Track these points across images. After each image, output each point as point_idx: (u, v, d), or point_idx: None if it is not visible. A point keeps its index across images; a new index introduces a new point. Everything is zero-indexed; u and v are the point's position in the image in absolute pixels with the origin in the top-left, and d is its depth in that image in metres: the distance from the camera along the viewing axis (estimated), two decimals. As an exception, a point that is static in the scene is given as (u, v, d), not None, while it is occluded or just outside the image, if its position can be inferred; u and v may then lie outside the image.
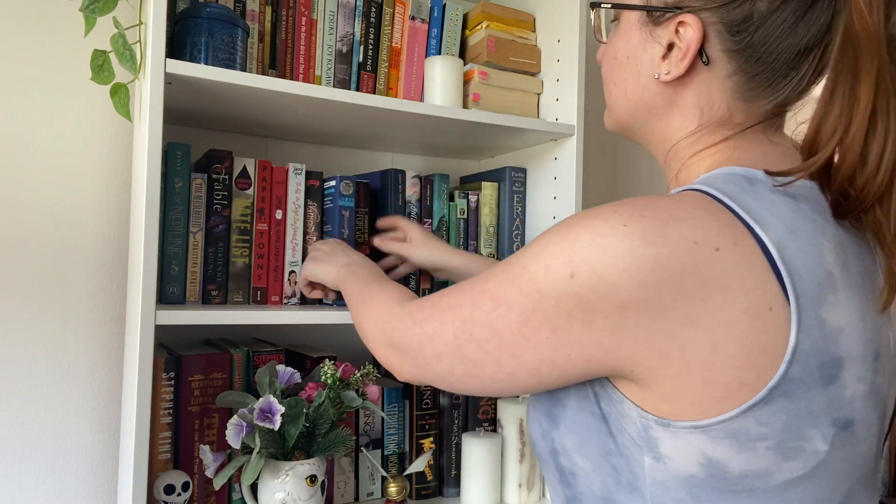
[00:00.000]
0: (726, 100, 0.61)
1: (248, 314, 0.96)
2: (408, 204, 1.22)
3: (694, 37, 0.59)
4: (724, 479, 0.52)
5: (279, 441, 0.97)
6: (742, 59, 0.59)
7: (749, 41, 0.58)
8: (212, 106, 1.07)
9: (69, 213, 1.17)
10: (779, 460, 0.51)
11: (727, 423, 0.50)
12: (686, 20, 0.59)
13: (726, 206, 0.52)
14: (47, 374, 1.15)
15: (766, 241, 0.51)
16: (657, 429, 0.53)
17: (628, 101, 0.67)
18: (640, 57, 0.64)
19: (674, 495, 0.54)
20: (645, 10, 0.62)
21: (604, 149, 1.74)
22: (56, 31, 1.16)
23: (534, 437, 0.66)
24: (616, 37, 0.67)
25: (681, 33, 0.60)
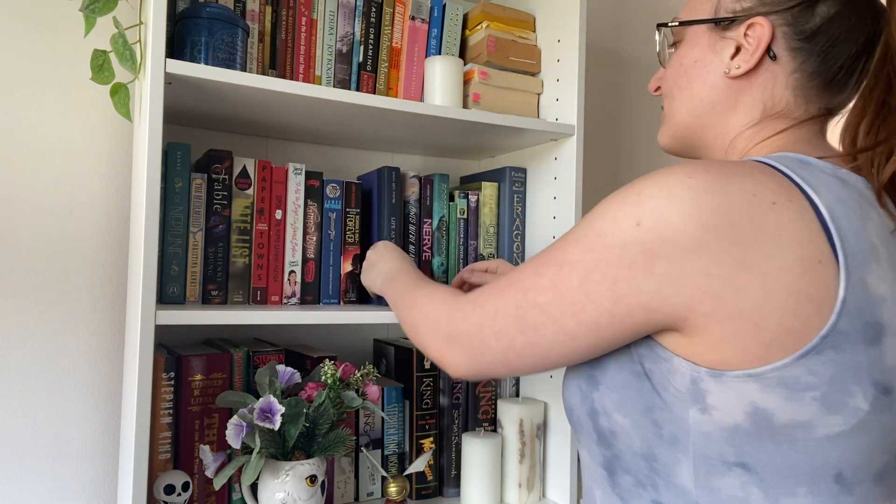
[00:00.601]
0: (787, 96, 0.68)
1: (248, 314, 0.96)
2: (406, 204, 1.22)
3: (764, 34, 0.66)
4: (769, 428, 0.55)
5: (279, 441, 0.97)
6: (803, 58, 0.67)
7: (810, 41, 0.66)
8: (212, 106, 1.07)
9: (69, 213, 1.17)
10: (822, 413, 0.54)
11: (781, 370, 0.53)
12: (756, 21, 0.67)
13: (782, 173, 0.58)
14: (47, 374, 1.15)
15: (818, 202, 0.56)
16: (708, 380, 0.56)
17: (694, 100, 0.73)
18: (708, 59, 0.71)
19: (717, 447, 0.57)
20: (714, 22, 0.71)
21: (604, 149, 1.73)
22: (56, 31, 1.16)
23: (571, 402, 0.69)
24: (680, 50, 0.75)
25: (749, 34, 0.68)
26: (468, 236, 1.29)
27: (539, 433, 1.26)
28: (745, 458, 0.56)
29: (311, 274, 1.14)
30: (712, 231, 0.54)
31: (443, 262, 1.25)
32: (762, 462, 0.56)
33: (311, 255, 1.14)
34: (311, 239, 1.14)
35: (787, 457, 0.55)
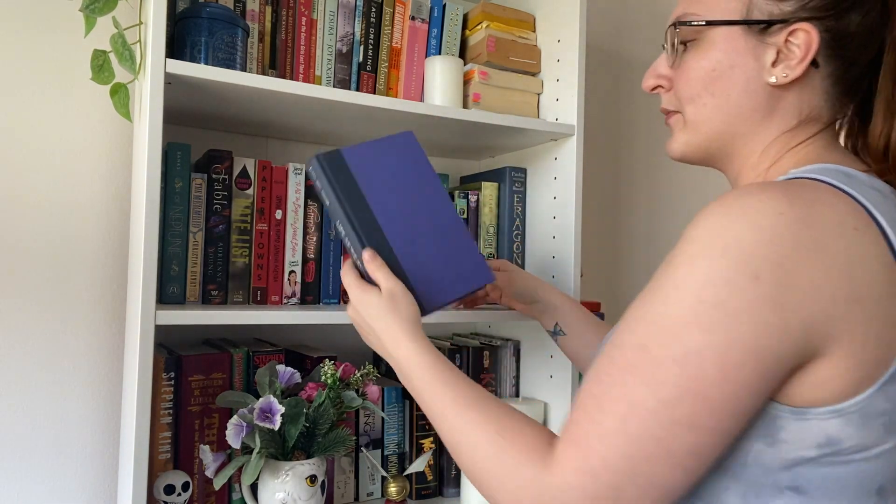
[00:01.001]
0: (819, 101, 0.67)
1: (248, 314, 0.96)
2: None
3: (812, 42, 0.64)
4: (833, 454, 0.54)
5: (279, 441, 0.97)
6: (836, 64, 0.66)
7: (843, 48, 0.65)
8: (212, 106, 1.07)
9: (69, 213, 1.17)
10: (884, 434, 0.54)
11: (864, 402, 0.53)
12: (801, 28, 0.64)
13: (845, 193, 0.56)
14: (47, 374, 1.15)
15: (882, 223, 0.55)
16: (787, 418, 0.54)
17: (732, 108, 0.68)
18: (748, 64, 0.66)
19: (773, 475, 0.55)
20: (749, 24, 0.66)
21: (604, 149, 1.73)
22: (56, 31, 1.16)
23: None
24: (703, 52, 0.68)
25: (793, 41, 0.65)
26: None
27: (539, 433, 1.26)
28: (799, 482, 0.55)
29: (311, 274, 1.14)
30: (821, 268, 0.51)
31: (443, 262, 1.25)
32: (815, 484, 0.55)
33: (312, 255, 1.14)
34: (312, 239, 1.14)
35: (839, 476, 0.54)
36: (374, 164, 0.81)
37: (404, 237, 0.80)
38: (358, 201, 0.78)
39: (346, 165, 0.79)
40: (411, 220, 0.81)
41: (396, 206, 0.81)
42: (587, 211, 1.69)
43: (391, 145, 0.83)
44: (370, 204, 0.79)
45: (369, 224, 0.78)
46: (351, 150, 0.80)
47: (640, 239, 1.80)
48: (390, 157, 0.82)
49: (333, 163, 0.78)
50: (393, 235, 0.79)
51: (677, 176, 1.86)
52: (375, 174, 0.80)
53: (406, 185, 0.82)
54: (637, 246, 1.79)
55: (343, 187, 0.78)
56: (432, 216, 0.83)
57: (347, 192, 0.78)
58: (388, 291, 0.75)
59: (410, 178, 0.83)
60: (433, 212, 0.84)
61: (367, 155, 0.81)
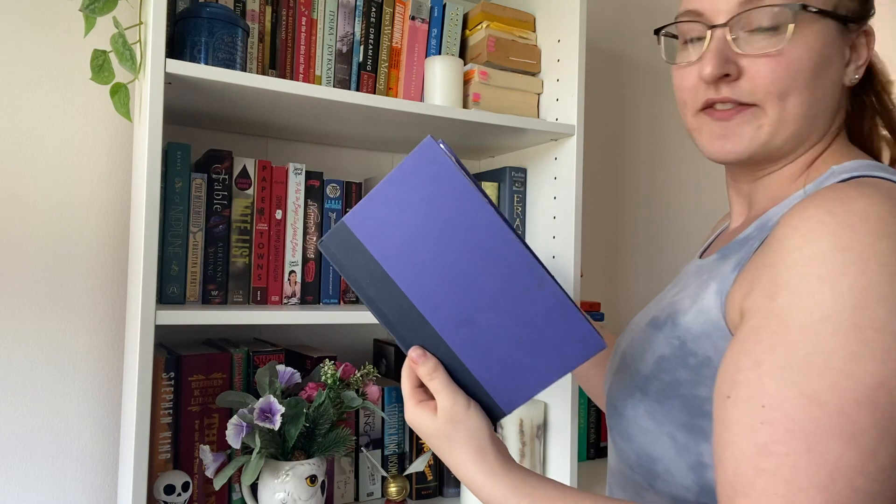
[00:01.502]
0: (848, 97, 0.66)
1: (248, 314, 0.96)
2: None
3: (873, 42, 0.63)
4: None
5: (279, 441, 0.97)
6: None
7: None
8: (212, 106, 1.07)
9: (69, 212, 1.17)
10: None
11: None
12: (870, 29, 0.63)
13: None
14: (47, 373, 1.15)
15: None
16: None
17: (819, 107, 0.62)
18: (838, 63, 0.62)
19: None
20: (840, 19, 0.61)
21: (604, 149, 1.73)
22: (56, 31, 1.16)
23: (655, 451, 0.59)
24: (804, 40, 0.60)
25: (862, 42, 0.63)
26: (468, 236, 1.29)
27: (539, 433, 1.26)
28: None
29: (311, 274, 1.14)
30: None
31: (443, 262, 1.25)
32: None
33: (312, 255, 1.14)
34: (312, 239, 1.14)
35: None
36: (392, 223, 0.57)
37: (457, 318, 0.58)
38: (384, 285, 0.58)
39: (356, 239, 0.58)
40: (463, 288, 0.57)
41: (438, 276, 0.57)
42: (587, 211, 1.69)
43: (409, 176, 0.56)
44: (400, 286, 0.58)
45: (406, 313, 0.59)
46: (356, 214, 0.58)
47: (640, 239, 1.80)
48: (412, 199, 0.56)
49: (340, 242, 0.59)
50: (441, 322, 0.58)
51: (677, 176, 1.86)
52: (396, 238, 0.57)
53: (446, 235, 0.56)
54: (637, 246, 1.79)
55: (361, 272, 0.59)
56: (492, 268, 0.56)
57: (368, 277, 0.59)
58: (444, 412, 0.59)
59: (449, 221, 0.55)
60: (493, 261, 0.56)
61: (379, 212, 0.57)
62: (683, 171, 1.87)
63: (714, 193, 1.90)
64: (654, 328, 0.67)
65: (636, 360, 0.67)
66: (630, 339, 0.72)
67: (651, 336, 0.67)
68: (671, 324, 0.64)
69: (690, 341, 0.61)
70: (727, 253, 0.65)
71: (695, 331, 0.61)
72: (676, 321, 0.64)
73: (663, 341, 0.64)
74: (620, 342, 0.77)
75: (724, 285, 0.59)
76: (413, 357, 0.60)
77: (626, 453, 0.65)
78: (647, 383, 0.64)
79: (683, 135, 1.86)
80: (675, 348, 0.62)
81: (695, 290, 0.64)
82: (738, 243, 0.64)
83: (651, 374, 0.64)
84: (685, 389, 0.60)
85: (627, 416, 0.64)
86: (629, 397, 0.65)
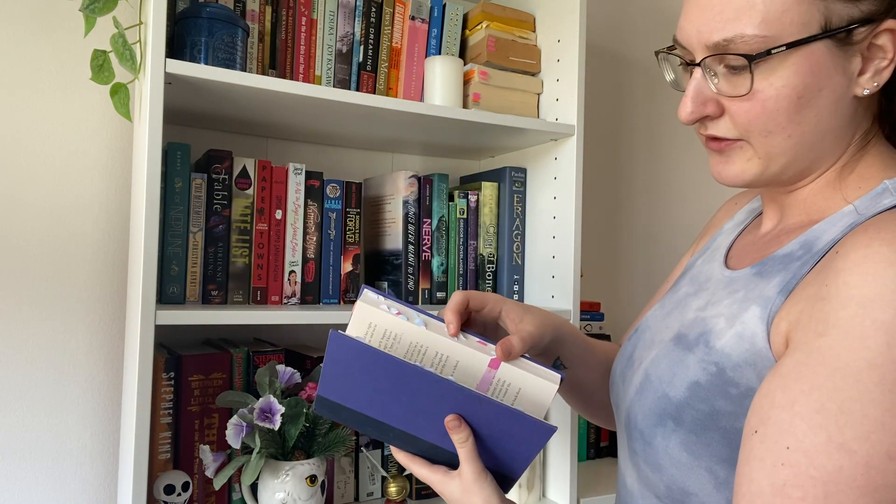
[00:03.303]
0: (875, 100, 0.60)
1: (248, 314, 0.96)
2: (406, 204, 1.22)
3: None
4: None
5: (279, 441, 0.97)
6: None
7: None
8: (212, 106, 1.07)
9: (69, 212, 1.17)
10: None
11: None
12: (888, 26, 0.55)
13: None
14: (47, 374, 1.15)
15: None
16: None
17: (818, 135, 0.58)
18: (837, 82, 0.57)
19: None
20: (832, 36, 0.55)
21: (604, 149, 1.73)
22: (56, 31, 1.16)
23: (691, 486, 0.58)
24: (783, 76, 0.56)
25: (879, 43, 0.56)
26: (468, 236, 1.29)
27: (539, 433, 1.26)
28: None
29: (311, 274, 1.14)
30: None
31: (442, 262, 1.25)
32: None
33: (312, 255, 1.14)
34: (312, 239, 1.14)
35: None
36: (351, 385, 0.66)
37: (441, 432, 0.67)
38: (373, 423, 0.68)
39: (333, 402, 0.67)
40: (430, 415, 0.66)
41: (408, 409, 0.66)
42: (587, 211, 1.69)
43: (338, 359, 0.65)
44: (386, 421, 0.67)
45: (402, 436, 0.68)
46: (323, 385, 0.67)
47: (640, 239, 1.80)
48: (354, 370, 0.65)
49: (325, 408, 0.68)
50: (431, 436, 0.67)
51: (677, 176, 1.86)
52: (361, 393, 0.66)
53: (395, 383, 0.65)
54: (637, 246, 1.79)
55: (352, 420, 0.68)
56: (439, 399, 0.65)
57: (359, 422, 0.68)
58: (468, 476, 0.66)
59: (389, 376, 0.64)
60: (437, 394, 0.65)
61: (336, 382, 0.66)
62: (683, 171, 1.87)
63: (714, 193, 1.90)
64: (683, 348, 0.62)
65: (664, 383, 0.62)
66: (653, 354, 0.66)
67: (680, 357, 0.62)
68: (704, 346, 0.60)
69: (730, 369, 0.57)
70: (767, 269, 0.60)
71: (735, 358, 0.57)
72: (711, 344, 0.59)
73: (696, 366, 0.60)
74: (635, 351, 0.71)
75: (769, 310, 0.55)
76: (450, 423, 0.65)
77: (654, 483, 0.62)
78: (680, 412, 0.60)
79: (683, 135, 1.86)
80: (712, 375, 0.58)
81: (730, 309, 0.60)
82: (779, 260, 0.60)
83: (685, 402, 0.60)
84: (725, 422, 0.57)
85: (657, 446, 0.61)
86: (659, 425, 0.61)
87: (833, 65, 0.56)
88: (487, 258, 1.31)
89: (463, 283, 1.28)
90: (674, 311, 0.70)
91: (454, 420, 0.65)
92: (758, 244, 0.67)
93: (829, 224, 0.58)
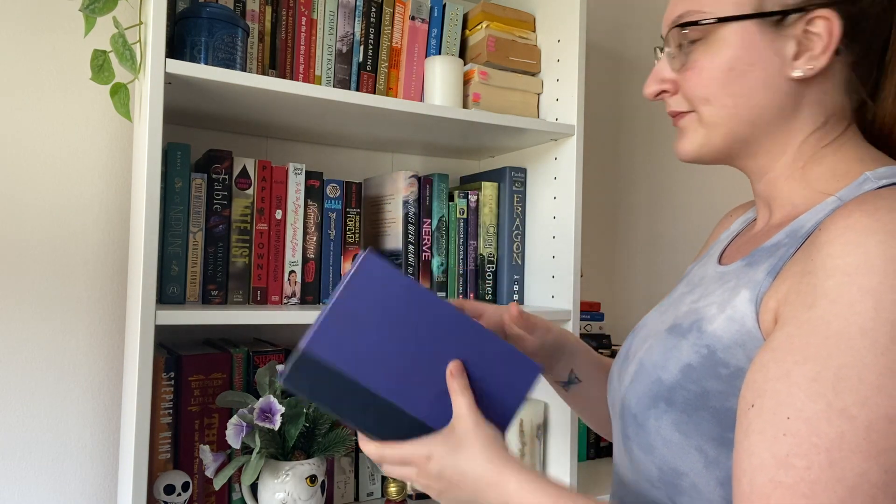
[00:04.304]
0: (841, 91, 0.63)
1: (248, 314, 0.96)
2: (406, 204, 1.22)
3: (835, 29, 0.59)
4: None
5: (279, 441, 0.98)
6: (857, 49, 0.61)
7: (862, 33, 0.61)
8: (212, 106, 1.07)
9: (69, 213, 1.17)
10: None
11: None
12: (822, 14, 0.59)
13: None
14: (47, 374, 1.15)
15: None
16: None
17: (754, 108, 0.63)
18: (768, 60, 0.62)
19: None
20: (764, 17, 0.61)
21: (604, 149, 1.74)
22: (56, 31, 1.16)
23: (681, 466, 0.60)
24: (717, 51, 0.63)
25: (813, 30, 0.60)
26: (468, 236, 1.29)
27: (539, 433, 1.26)
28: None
29: (311, 274, 1.14)
30: None
31: (442, 262, 1.25)
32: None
33: (312, 255, 1.14)
34: (312, 239, 1.14)
35: None
36: (354, 335, 0.62)
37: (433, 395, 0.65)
38: (360, 397, 0.63)
39: (321, 365, 0.62)
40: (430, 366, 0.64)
41: (407, 367, 0.63)
42: (587, 211, 1.69)
43: (359, 289, 0.62)
44: (378, 391, 0.63)
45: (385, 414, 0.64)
46: (318, 341, 0.62)
47: (640, 239, 1.80)
48: (369, 308, 0.62)
49: (304, 377, 0.61)
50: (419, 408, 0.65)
51: (678, 175, 1.86)
52: (361, 348, 0.62)
53: (405, 328, 0.63)
54: (637, 246, 1.79)
55: (333, 396, 0.62)
56: (449, 338, 0.65)
57: (339, 400, 0.62)
58: (464, 411, 0.65)
59: (405, 316, 0.62)
60: (447, 332, 0.65)
61: (339, 331, 0.62)
62: (683, 171, 1.87)
63: (714, 193, 1.90)
64: (677, 335, 0.64)
65: (657, 368, 0.64)
66: (647, 345, 0.68)
67: (674, 343, 0.64)
68: (697, 331, 0.62)
69: (721, 350, 0.59)
70: (756, 260, 0.62)
71: (725, 340, 0.59)
72: (703, 329, 0.62)
73: (689, 349, 0.62)
74: (630, 348, 0.73)
75: (758, 292, 0.57)
76: (454, 368, 0.66)
77: (646, 467, 0.63)
78: (672, 393, 0.62)
79: (683, 135, 1.86)
80: (703, 357, 0.60)
81: (721, 297, 0.62)
82: (767, 250, 0.62)
83: (677, 384, 0.61)
84: (715, 401, 0.58)
85: (650, 428, 0.62)
86: (652, 408, 0.63)
87: (764, 45, 0.61)
88: (487, 258, 1.31)
89: (463, 283, 1.28)
90: (669, 308, 0.72)
91: (457, 365, 0.65)
92: (749, 241, 0.70)
93: (813, 213, 0.60)
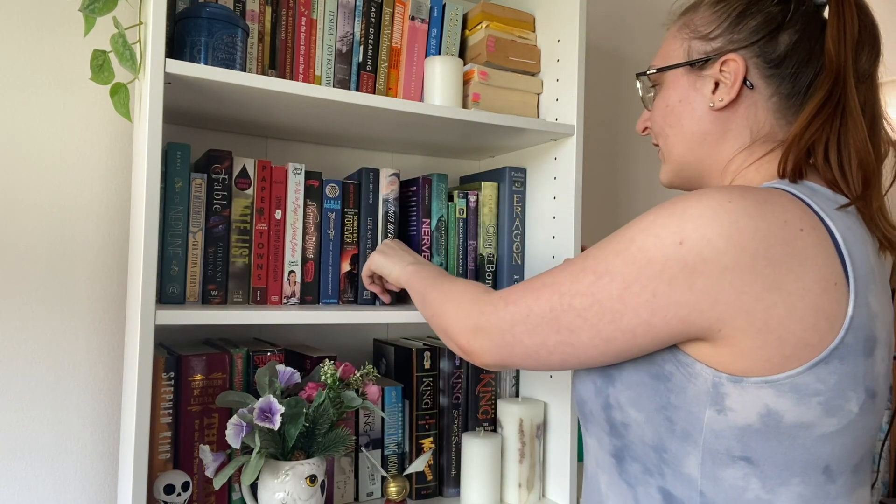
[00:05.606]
0: (769, 119, 0.74)
1: (248, 314, 0.96)
2: (385, 202, 1.22)
3: (739, 67, 0.73)
4: (777, 427, 0.62)
5: (279, 441, 0.98)
6: (777, 83, 0.73)
7: (780, 67, 0.73)
8: (212, 106, 1.07)
9: (69, 213, 1.17)
10: (823, 415, 0.61)
11: (794, 377, 0.60)
12: (729, 57, 0.74)
13: (802, 201, 0.64)
14: (47, 374, 1.15)
15: (834, 230, 0.62)
16: (728, 385, 0.62)
17: (686, 136, 0.79)
18: (691, 96, 0.78)
19: (726, 442, 0.63)
20: (689, 64, 0.78)
21: (604, 149, 1.74)
22: (56, 31, 1.16)
23: (584, 394, 0.75)
24: (662, 93, 0.81)
25: (725, 70, 0.74)
26: (467, 236, 1.29)
27: (539, 433, 1.26)
28: (749, 452, 0.63)
29: (310, 274, 1.14)
30: (749, 254, 0.59)
31: (442, 262, 1.25)
32: (764, 456, 0.62)
33: (311, 255, 1.14)
34: (311, 239, 1.14)
35: (786, 452, 0.62)
36: None
37: None
38: None
39: None
40: None
41: None
42: (587, 211, 1.69)
43: None
44: None
45: None
46: None
47: (639, 239, 1.80)
48: None
49: None
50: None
51: (677, 176, 1.86)
52: None
53: None
54: (637, 246, 1.79)
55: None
56: None
57: None
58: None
59: None
60: None
61: None
62: (683, 171, 1.87)
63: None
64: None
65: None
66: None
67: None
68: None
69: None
70: None
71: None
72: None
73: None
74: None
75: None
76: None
77: (594, 429, 0.76)
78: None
79: (683, 135, 1.86)
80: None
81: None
82: None
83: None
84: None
85: (578, 388, 0.78)
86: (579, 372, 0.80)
87: (689, 84, 0.78)
88: (487, 258, 1.31)
89: (463, 283, 1.28)
90: None
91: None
92: None
93: None
